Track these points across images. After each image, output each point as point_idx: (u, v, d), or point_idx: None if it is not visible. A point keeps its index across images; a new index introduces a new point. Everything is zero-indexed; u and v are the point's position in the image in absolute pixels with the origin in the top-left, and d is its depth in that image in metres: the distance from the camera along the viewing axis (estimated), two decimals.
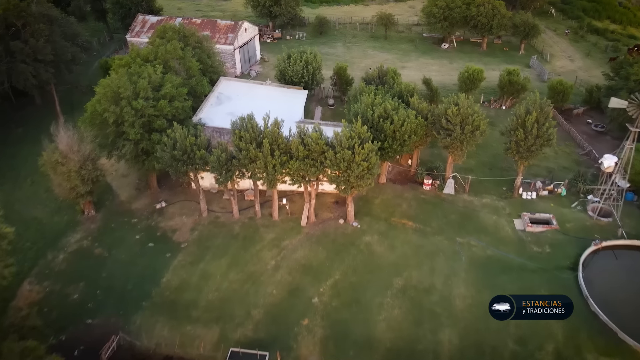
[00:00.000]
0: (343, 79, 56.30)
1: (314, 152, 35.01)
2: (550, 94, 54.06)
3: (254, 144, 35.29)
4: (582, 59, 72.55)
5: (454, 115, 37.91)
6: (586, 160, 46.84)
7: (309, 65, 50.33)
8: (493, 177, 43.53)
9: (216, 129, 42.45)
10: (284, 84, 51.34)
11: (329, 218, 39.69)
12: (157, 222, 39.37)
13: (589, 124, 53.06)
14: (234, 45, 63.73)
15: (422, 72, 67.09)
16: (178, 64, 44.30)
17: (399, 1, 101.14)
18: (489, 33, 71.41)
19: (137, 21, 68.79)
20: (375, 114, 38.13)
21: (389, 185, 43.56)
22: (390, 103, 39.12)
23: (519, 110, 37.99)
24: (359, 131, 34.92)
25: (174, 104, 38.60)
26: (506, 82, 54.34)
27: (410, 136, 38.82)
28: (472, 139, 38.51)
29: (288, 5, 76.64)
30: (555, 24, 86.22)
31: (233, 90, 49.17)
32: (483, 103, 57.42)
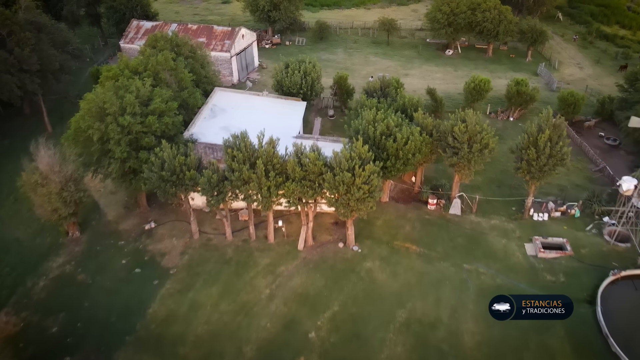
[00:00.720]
0: (344, 88, 53.98)
1: (312, 173, 32.71)
2: (560, 105, 51.67)
3: (247, 164, 33.00)
4: (592, 67, 70.07)
5: (461, 132, 35.56)
6: (600, 178, 44.42)
7: (307, 75, 48.00)
8: (502, 197, 41.14)
9: (209, 145, 40.19)
10: (281, 95, 49.03)
11: (327, 241, 37.35)
12: (145, 245, 37.08)
13: (602, 137, 50.62)
14: (230, 53, 61.47)
15: (425, 80, 64.80)
16: (169, 75, 42.04)
17: (402, 5, 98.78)
18: (495, 39, 69.01)
19: (131, 27, 66.63)
20: (377, 131, 35.80)
21: (392, 204, 41.19)
22: (393, 119, 36.78)
23: (531, 127, 35.62)
24: (360, 151, 32.60)
25: (164, 120, 36.30)
26: (514, 92, 51.94)
27: (414, 154, 36.50)
28: (480, 157, 36.15)
29: (287, 10, 74.33)
30: (563, 29, 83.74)
31: (228, 102, 46.88)
32: (490, 114, 55.05)
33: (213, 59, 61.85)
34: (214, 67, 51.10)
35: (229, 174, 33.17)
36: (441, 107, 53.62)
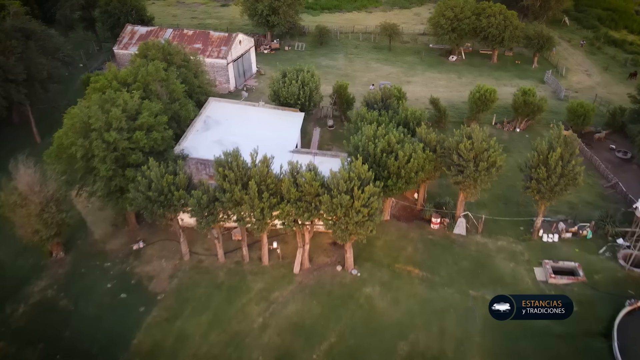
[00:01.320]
0: (343, 98, 51.97)
1: (308, 194, 30.70)
2: (569, 116, 49.60)
3: (239, 185, 31.01)
4: (600, 74, 67.89)
5: (467, 150, 33.50)
6: (612, 194, 42.31)
7: (305, 85, 45.97)
8: (509, 215, 39.11)
9: (200, 161, 38.26)
10: (278, 106, 47.02)
11: (325, 264, 35.33)
12: (132, 267, 35.10)
13: (613, 150, 48.48)
14: (227, 59, 59.53)
15: (428, 87, 62.79)
16: (160, 86, 40.09)
17: (404, 8, 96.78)
18: (500, 45, 66.90)
19: (126, 32, 64.73)
20: (377, 148, 33.78)
21: (393, 223, 39.16)
22: (395, 135, 34.73)
23: (541, 144, 33.54)
24: (359, 171, 30.58)
25: (152, 135, 34.31)
26: (521, 102, 49.85)
27: (417, 173, 34.48)
28: (487, 176, 34.10)
29: (286, 15, 72.35)
30: (570, 34, 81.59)
31: (222, 113, 44.89)
32: (495, 125, 52.98)
33: (209, 66, 60.30)
34: (208, 76, 48.93)
35: (220, 195, 31.19)
36: (444, 117, 51.64)
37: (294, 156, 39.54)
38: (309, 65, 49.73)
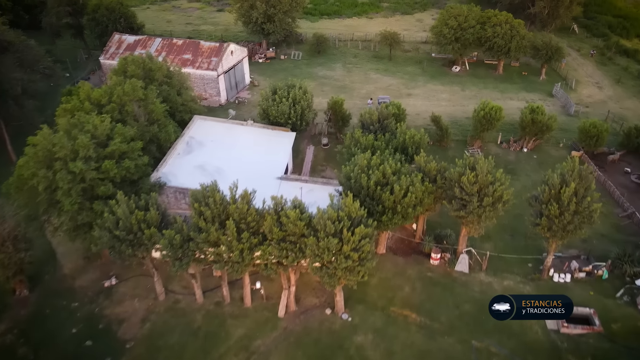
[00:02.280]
0: (339, 115, 48.74)
1: (292, 234, 27.55)
2: (581, 137, 46.20)
3: (217, 224, 27.86)
4: (612, 86, 64.37)
5: (470, 183, 30.23)
6: (628, 225, 38.92)
7: (297, 104, 42.76)
8: (516, 250, 35.86)
9: (179, 190, 35.13)
10: (268, 125, 43.85)
11: (313, 306, 32.14)
12: (102, 308, 31.99)
13: (628, 174, 45.03)
14: (217, 71, 56.42)
15: (430, 101, 59.53)
16: (138, 107, 37.00)
17: (406, 14, 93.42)
18: (506, 56, 63.49)
19: (113, 41, 61.72)
20: (371, 180, 30.56)
21: (389, 257, 35.95)
22: (391, 165, 31.49)
23: (553, 178, 30.20)
24: (350, 209, 27.39)
25: (124, 164, 31.16)
26: (529, 121, 46.45)
27: (415, 207, 31.28)
28: (492, 212, 30.82)
29: (283, 22, 69.18)
30: (579, 43, 78.05)
31: (207, 133, 41.75)
32: (501, 144, 49.62)
33: (198, 78, 57.40)
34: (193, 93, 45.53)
35: (195, 234, 28.04)
36: (447, 136, 48.35)
37: (282, 184, 36.47)
38: (302, 80, 46.52)
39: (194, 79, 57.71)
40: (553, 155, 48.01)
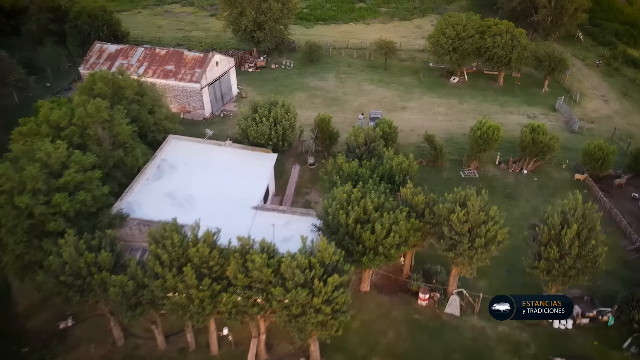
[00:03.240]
0: (326, 133, 45.66)
1: (258, 281, 24.56)
2: (585, 159, 42.94)
3: (175, 269, 24.89)
4: (619, 100, 61.01)
5: (460, 222, 27.12)
6: (636, 260, 35.71)
7: (278, 124, 39.71)
8: (513, 289, 32.25)
9: (143, 222, 32.12)
10: (248, 146, 40.81)
11: (286, 354, 29.14)
12: (53, 355, 29.08)
13: (636, 200, 41.75)
14: (201, 83, 53.47)
15: (425, 115, 56.40)
16: (102, 129, 34.10)
17: (404, 20, 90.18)
18: (507, 67, 60.24)
19: (94, 50, 58.89)
20: (350, 218, 27.50)
21: (373, 295, 32.89)
22: (373, 199, 28.41)
23: (553, 218, 27.05)
24: (323, 255, 24.36)
25: (78, 196, 28.28)
26: (529, 141, 43.23)
27: (399, 246, 28.21)
28: (484, 254, 27.69)
29: (273, 30, 66.19)
30: (584, 52, 74.64)
31: (181, 155, 38.78)
32: (499, 164, 46.40)
33: (181, 90, 54.57)
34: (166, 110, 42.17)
35: (150, 281, 25.07)
36: (441, 155, 45.19)
37: (257, 215, 33.48)
38: (285, 97, 43.43)
39: (176, 92, 55.01)
40: (555, 177, 44.78)
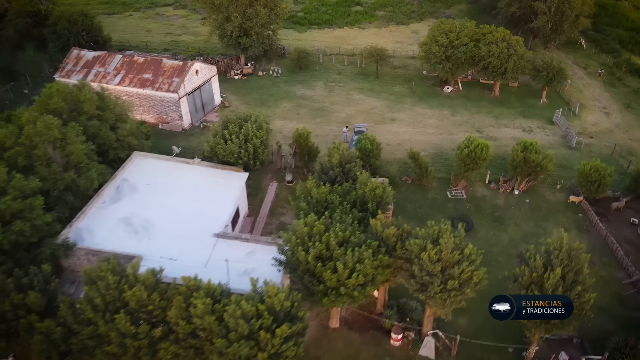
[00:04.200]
0: (304, 149, 42.97)
1: (201, 329, 21.98)
2: (580, 181, 39.93)
3: (108, 314, 22.36)
4: (621, 112, 57.81)
5: (432, 261, 24.36)
6: (633, 296, 32.72)
7: (248, 141, 37.08)
8: (496, 327, 29.76)
9: (92, 252, 29.61)
10: (217, 164, 38.24)
11: None
12: None
13: (635, 226, 38.69)
14: (179, 93, 50.99)
15: (415, 127, 53.60)
16: (53, 148, 31.68)
17: (401, 24, 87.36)
18: (502, 77, 57.25)
19: (70, 57, 56.67)
20: (309, 255, 24.83)
21: (343, 332, 30.15)
22: (338, 233, 25.70)
23: (534, 259, 24.22)
24: (273, 301, 21.74)
25: (14, 226, 25.89)
26: (520, 160, 40.29)
27: (364, 285, 25.50)
28: (459, 296, 24.91)
29: (260, 36, 63.64)
30: (586, 60, 71.36)
31: (145, 175, 36.28)
32: (489, 184, 43.45)
33: (159, 100, 52.20)
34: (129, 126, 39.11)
35: (79, 327, 22.56)
36: (427, 174, 42.35)
37: (218, 244, 30.91)
38: (258, 113, 40.71)
39: (154, 101, 52.66)
40: (548, 199, 41.80)
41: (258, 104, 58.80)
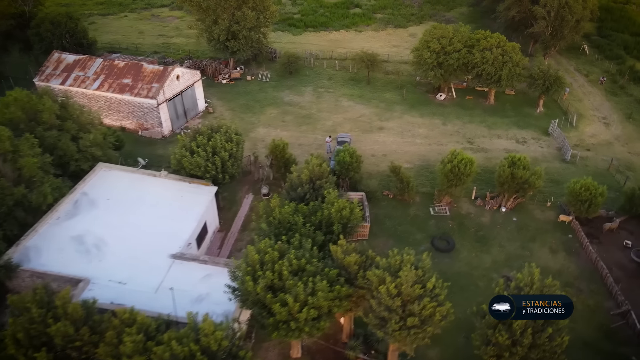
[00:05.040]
0: (281, 161, 40.97)
1: None
2: (570, 200, 37.49)
3: (32, 350, 20.56)
4: (622, 123, 55.02)
5: (390, 296, 22.25)
6: (621, 328, 30.26)
7: (216, 154, 35.15)
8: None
9: (37, 274, 27.82)
10: (185, 177, 36.35)
11: None
12: None
13: (628, 249, 36.13)
14: (157, 99, 49.28)
15: (403, 137, 51.39)
16: (3, 161, 30.02)
17: (399, 27, 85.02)
18: (496, 85, 54.78)
19: (51, 60, 55.18)
20: (258, 286, 22.85)
21: None
22: (293, 261, 23.69)
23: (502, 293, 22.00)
24: (209, 341, 19.77)
25: None
26: (507, 176, 37.94)
27: (318, 319, 23.46)
28: (421, 334, 22.76)
29: (249, 39, 61.78)
30: (589, 66, 68.46)
31: (107, 188, 34.51)
32: (475, 199, 41.14)
33: (137, 106, 50.55)
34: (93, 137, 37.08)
35: None
36: (408, 189, 40.14)
37: (174, 266, 29.05)
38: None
39: (133, 107, 51.03)
40: (537, 218, 39.39)
41: (243, 110, 57.02)
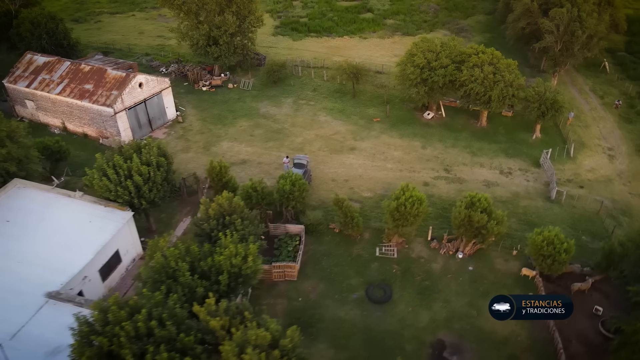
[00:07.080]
0: (219, 184, 37.43)
1: None
2: (531, 252, 31.95)
3: None
4: (629, 156, 48.06)
5: None
6: None
7: (131, 177, 31.95)
8: None
9: None
10: (102, 199, 33.44)
11: None
12: None
13: (597, 317, 30.22)
14: (114, 108, 46.92)
15: (374, 161, 46.95)
16: None
17: (407, 35, 79.70)
18: (486, 107, 49.17)
19: (23, 62, 54.19)
20: (87, 352, 19.40)
21: None
22: (139, 323, 20.09)
23: None
24: None
25: None
26: (464, 218, 32.88)
27: None
28: None
29: (230, 45, 58.74)
30: (606, 86, 61.14)
31: (13, 209, 32.12)
32: (431, 240, 36.22)
33: (96, 114, 48.41)
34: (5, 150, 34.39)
35: None
36: (353, 225, 35.72)
37: (46, 307, 26.11)
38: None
39: (92, 115, 48.98)
40: (497, 268, 34.07)
41: (214, 121, 54.03)
